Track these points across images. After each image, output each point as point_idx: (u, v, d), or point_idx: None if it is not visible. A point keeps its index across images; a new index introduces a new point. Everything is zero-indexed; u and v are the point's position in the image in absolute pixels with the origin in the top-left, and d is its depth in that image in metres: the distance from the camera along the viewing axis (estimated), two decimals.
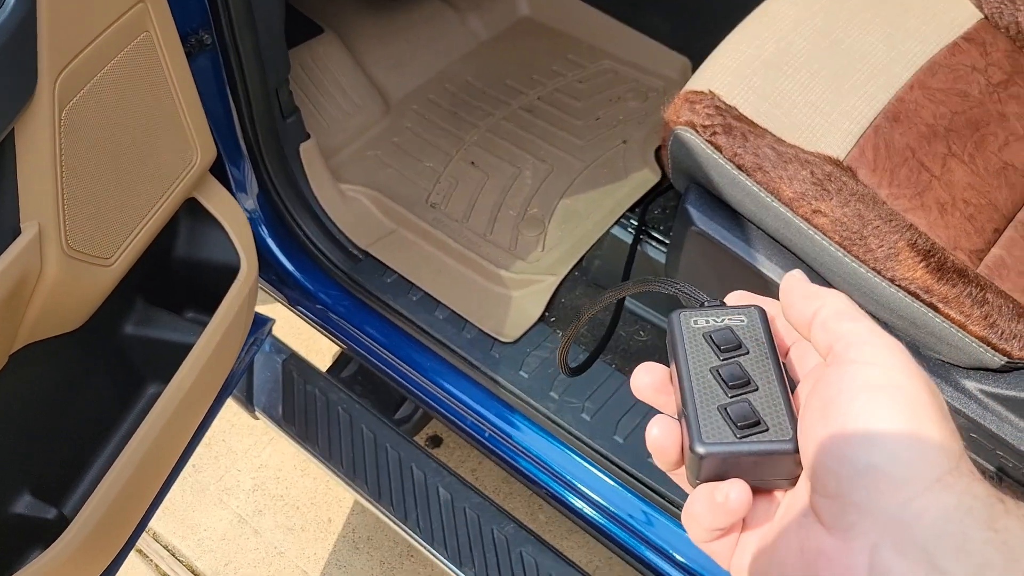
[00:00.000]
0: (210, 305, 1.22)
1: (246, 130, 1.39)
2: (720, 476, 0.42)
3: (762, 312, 0.47)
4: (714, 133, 1.06)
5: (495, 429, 1.37)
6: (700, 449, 0.42)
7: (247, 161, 1.43)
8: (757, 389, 0.44)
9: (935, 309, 0.99)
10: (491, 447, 1.39)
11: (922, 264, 0.99)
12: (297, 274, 1.51)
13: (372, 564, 1.71)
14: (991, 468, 1.02)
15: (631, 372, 1.32)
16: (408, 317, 1.43)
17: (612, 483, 1.28)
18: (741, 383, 0.44)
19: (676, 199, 1.49)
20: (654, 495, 1.24)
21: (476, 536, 1.42)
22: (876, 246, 1.00)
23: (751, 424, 0.42)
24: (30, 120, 0.87)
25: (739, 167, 1.05)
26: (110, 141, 0.98)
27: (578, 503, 1.30)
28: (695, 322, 0.47)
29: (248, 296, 1.22)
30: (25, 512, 1.02)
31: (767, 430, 0.42)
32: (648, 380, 0.47)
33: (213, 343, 1.15)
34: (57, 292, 0.95)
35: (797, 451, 0.41)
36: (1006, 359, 0.98)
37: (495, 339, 1.39)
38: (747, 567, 0.41)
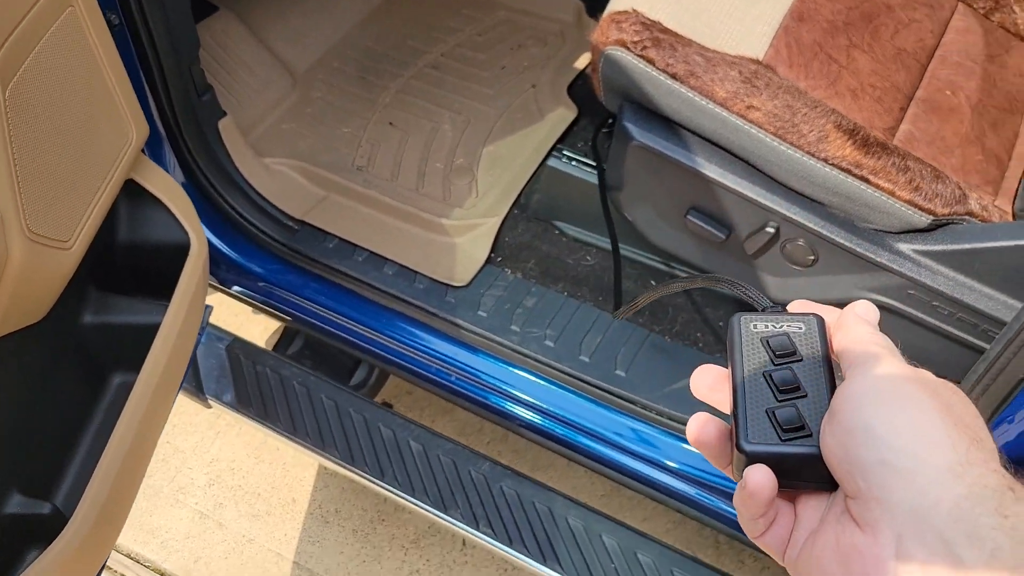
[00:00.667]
0: (162, 288, 1.19)
1: (163, 110, 1.36)
2: None
3: (820, 320, 0.48)
4: (644, 47, 1.12)
5: (461, 371, 1.40)
6: (746, 447, 0.44)
7: (166, 143, 1.40)
8: (806, 396, 0.45)
9: (866, 181, 1.08)
10: (459, 390, 1.42)
11: (849, 142, 1.09)
12: (232, 254, 1.49)
13: (344, 534, 1.71)
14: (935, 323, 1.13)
15: (582, 296, 1.38)
16: (357, 277, 1.44)
17: (584, 401, 1.34)
18: (791, 388, 0.46)
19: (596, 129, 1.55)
20: (627, 404, 1.31)
21: (455, 479, 1.45)
22: (807, 131, 1.09)
23: (795, 428, 0.44)
24: None
25: (672, 76, 1.11)
26: (54, 119, 0.95)
27: (553, 426, 1.35)
28: (755, 326, 0.49)
29: (203, 272, 1.21)
30: (19, 511, 0.99)
31: (810, 435, 0.44)
32: (706, 380, 0.50)
33: (178, 322, 1.14)
34: (23, 279, 0.92)
35: None
36: (932, 217, 1.09)
37: (448, 285, 1.41)
38: (795, 562, 0.44)
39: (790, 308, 0.50)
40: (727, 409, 0.48)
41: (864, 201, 1.09)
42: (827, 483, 0.43)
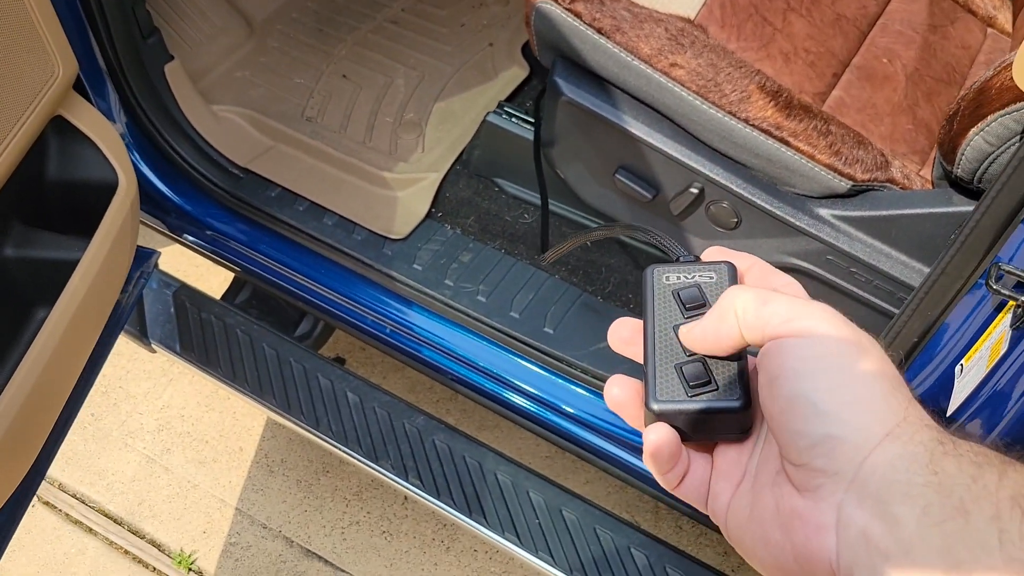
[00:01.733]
0: (91, 226, 1.20)
1: (106, 52, 1.35)
2: (676, 431, 0.44)
3: (731, 268, 0.47)
4: (572, 1, 1.11)
5: (395, 324, 1.41)
6: (654, 406, 0.44)
7: (110, 85, 1.40)
8: None
9: (786, 143, 1.08)
10: (393, 343, 1.43)
11: (771, 104, 1.08)
12: (177, 199, 1.50)
13: (289, 484, 1.73)
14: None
15: (519, 254, 1.38)
16: (296, 227, 1.44)
17: (513, 357, 1.34)
18: None
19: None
20: (554, 361, 1.31)
21: (388, 431, 1.46)
22: (730, 91, 1.08)
23: (702, 383, 0.44)
24: None
25: (599, 31, 1.11)
26: None
27: (482, 380, 1.36)
28: (667, 278, 0.48)
29: (131, 210, 1.21)
30: None
31: (716, 389, 0.44)
32: (621, 333, 0.49)
33: (100, 258, 1.14)
34: None
35: (744, 409, 0.43)
36: (851, 183, 1.08)
37: (385, 238, 1.42)
38: (725, 515, 0.44)
39: (704, 257, 0.49)
40: (641, 359, 0.47)
41: (784, 164, 1.09)
42: (738, 432, 0.44)
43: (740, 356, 0.44)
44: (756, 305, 0.42)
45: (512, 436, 1.75)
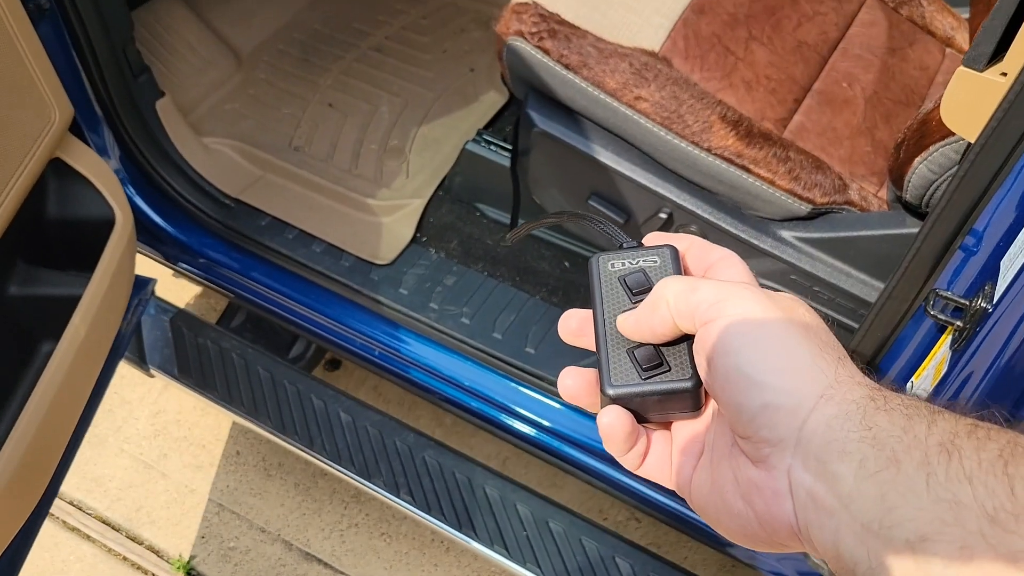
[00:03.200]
0: (91, 262, 1.26)
1: (99, 92, 1.41)
2: (633, 413, 0.46)
3: (673, 251, 0.48)
4: (541, 38, 1.17)
5: (384, 346, 1.46)
6: (610, 391, 0.45)
7: (104, 124, 1.45)
8: None
9: (747, 170, 1.13)
10: (383, 364, 1.48)
11: (732, 133, 1.13)
12: (172, 230, 1.55)
13: (287, 487, 1.75)
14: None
15: (501, 276, 1.43)
16: (286, 254, 1.50)
17: (497, 376, 1.40)
18: None
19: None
20: (535, 380, 1.37)
21: (380, 449, 1.51)
22: (692, 122, 1.13)
23: (655, 366, 0.45)
24: None
25: (566, 66, 1.16)
26: None
27: (468, 399, 1.41)
28: (612, 265, 0.48)
29: (128, 244, 1.27)
30: None
31: (669, 370, 0.45)
32: (569, 325, 0.50)
33: (100, 292, 1.20)
34: None
35: (696, 388, 0.45)
36: (811, 206, 1.14)
37: (372, 263, 1.47)
38: (689, 489, 0.45)
39: (645, 242, 0.50)
40: (593, 348, 0.48)
41: (746, 189, 1.14)
42: (690, 410, 0.46)
43: (688, 337, 0.45)
44: (685, 294, 0.44)
45: (498, 442, 1.79)
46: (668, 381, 0.45)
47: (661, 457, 0.47)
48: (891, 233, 1.10)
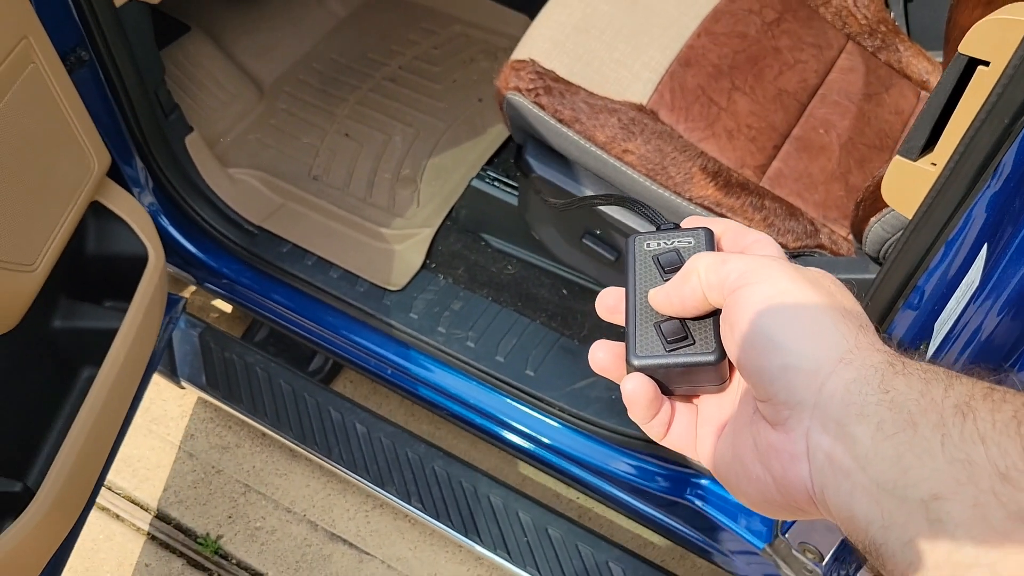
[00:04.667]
0: (126, 292, 1.38)
1: (133, 131, 1.53)
2: (659, 384, 0.48)
3: (708, 233, 0.50)
4: (537, 95, 1.27)
5: (395, 366, 1.58)
6: (634, 362, 0.47)
7: (138, 159, 1.57)
8: None
9: (725, 218, 1.23)
10: (394, 382, 1.60)
11: (712, 183, 1.23)
12: (201, 255, 1.67)
13: (312, 468, 1.81)
14: None
15: (504, 302, 1.55)
16: (306, 280, 1.61)
17: (499, 396, 1.51)
18: None
19: None
20: (535, 400, 1.48)
21: (393, 459, 1.64)
22: (675, 173, 1.23)
23: (679, 339, 0.47)
24: None
25: (560, 120, 1.26)
26: (16, 163, 1.13)
27: (473, 416, 1.53)
28: (647, 245, 0.50)
29: (159, 280, 1.39)
30: None
31: (693, 344, 0.47)
32: (606, 302, 0.52)
33: (135, 325, 1.32)
34: None
35: (718, 361, 0.46)
36: (785, 250, 1.23)
37: (385, 289, 1.59)
38: (711, 459, 0.47)
39: (683, 224, 0.52)
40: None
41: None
42: (715, 384, 0.48)
43: (715, 313, 0.46)
44: (715, 266, 0.45)
45: (502, 453, 1.90)
46: (692, 354, 0.47)
47: (686, 428, 0.49)
48: (855, 278, 1.19)
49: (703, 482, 1.42)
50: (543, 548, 1.57)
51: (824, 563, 1.19)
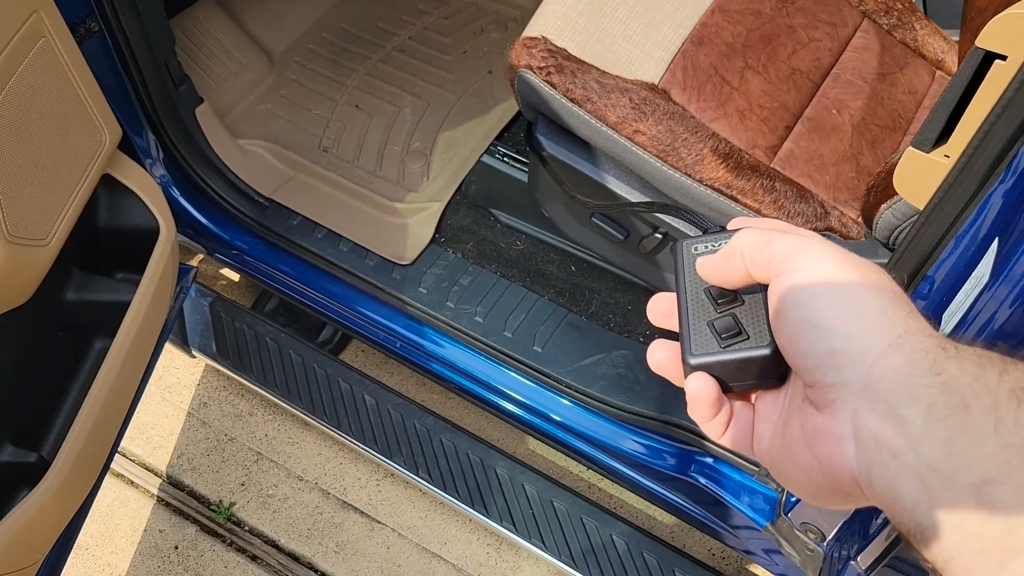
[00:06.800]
0: (137, 264, 1.39)
1: (143, 103, 1.53)
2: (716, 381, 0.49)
3: None
4: (548, 73, 1.26)
5: (404, 339, 1.59)
6: (691, 360, 0.48)
7: (148, 130, 1.58)
8: (743, 303, 0.49)
9: (736, 200, 1.23)
10: (403, 355, 1.61)
11: (722, 165, 1.23)
12: (211, 226, 1.68)
13: (323, 437, 1.82)
14: None
15: (512, 277, 1.55)
16: (316, 252, 1.62)
17: (507, 371, 1.53)
18: (728, 299, 0.49)
19: None
20: (542, 376, 1.49)
21: (401, 430, 1.66)
22: (686, 154, 1.23)
23: (733, 335, 0.48)
24: None
25: (571, 99, 1.26)
26: (28, 137, 1.13)
27: (481, 391, 1.54)
28: (695, 248, 0.52)
29: (171, 253, 1.40)
30: (10, 459, 1.21)
31: (747, 339, 0.47)
32: (659, 307, 0.53)
33: (147, 297, 1.34)
34: (5, 274, 1.11)
35: (775, 354, 0.46)
36: None
37: (394, 263, 1.59)
38: (766, 452, 0.47)
39: (730, 226, 0.53)
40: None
41: (735, 216, 1.24)
42: (773, 378, 0.48)
43: (768, 306, 0.47)
44: (760, 246, 0.46)
45: (509, 426, 1.91)
46: (746, 348, 0.47)
47: (744, 427, 0.49)
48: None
49: (707, 460, 1.44)
50: (548, 520, 1.59)
51: (826, 543, 1.21)
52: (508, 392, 1.53)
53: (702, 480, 1.44)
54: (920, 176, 0.87)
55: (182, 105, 1.59)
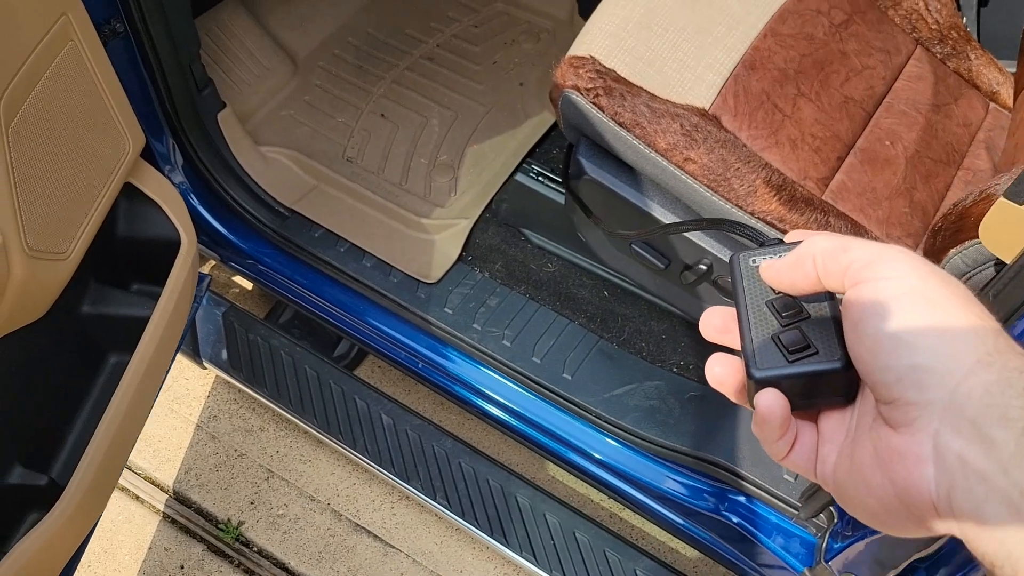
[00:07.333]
0: (155, 276, 1.33)
1: (165, 107, 1.47)
2: None
3: None
4: (596, 95, 1.21)
5: (427, 360, 1.54)
6: (756, 374, 0.45)
7: (169, 135, 1.52)
8: (808, 317, 0.46)
9: (827, 231, 1.18)
10: (424, 376, 1.56)
11: (776, 197, 1.18)
12: (230, 236, 1.62)
13: (337, 456, 1.75)
14: None
15: (542, 300, 1.49)
16: (338, 267, 1.56)
17: (533, 398, 1.47)
18: (793, 312, 0.47)
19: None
20: (571, 405, 1.44)
21: (419, 453, 1.60)
22: (738, 186, 1.18)
23: (801, 348, 0.45)
24: None
25: (620, 124, 1.20)
26: (52, 145, 1.07)
27: (506, 417, 1.49)
28: (753, 261, 0.50)
29: (191, 266, 1.34)
30: (20, 482, 1.15)
31: (816, 353, 0.45)
32: (714, 322, 0.50)
33: (167, 313, 1.28)
34: (23, 290, 1.06)
35: (847, 369, 0.44)
36: None
37: (419, 281, 1.54)
38: (830, 475, 0.45)
39: (787, 239, 0.50)
40: (738, 347, 0.49)
41: None
42: (842, 396, 0.45)
43: (837, 318, 0.45)
44: (835, 252, 0.43)
45: (529, 451, 1.85)
46: (816, 363, 0.45)
47: (807, 448, 0.46)
48: None
49: (740, 499, 1.39)
50: (570, 552, 1.54)
51: None
52: (535, 419, 1.47)
53: (734, 519, 1.39)
54: (1010, 229, 0.82)
55: (204, 110, 1.53)
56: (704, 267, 1.27)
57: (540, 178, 1.49)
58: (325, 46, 1.84)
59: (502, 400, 1.49)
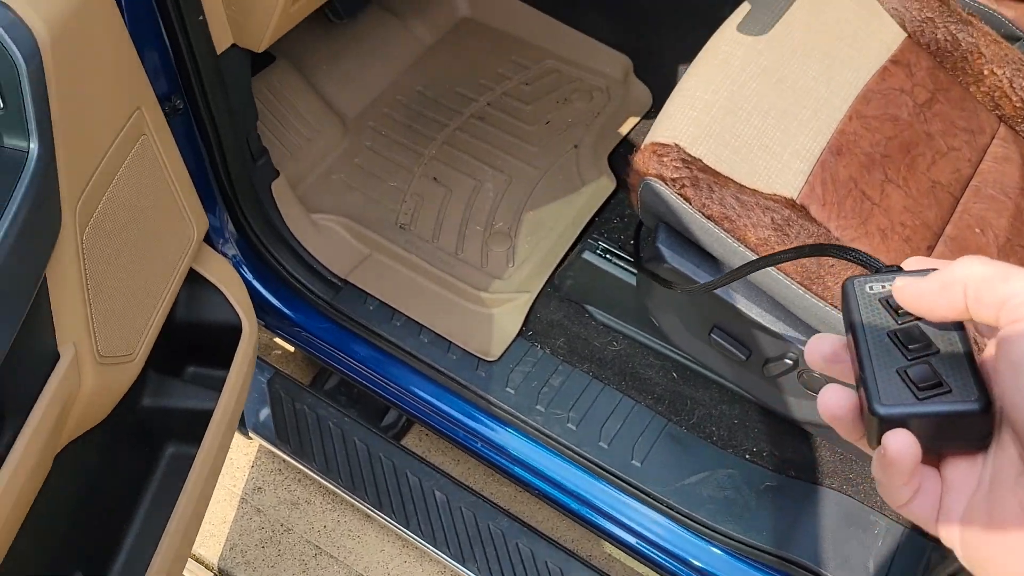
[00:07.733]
0: (212, 359, 1.29)
1: (220, 180, 1.42)
2: None
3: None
4: (683, 186, 1.16)
5: (487, 441, 1.49)
6: (880, 410, 0.41)
7: (223, 208, 1.47)
8: (938, 352, 0.42)
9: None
10: (483, 455, 1.50)
11: None
12: (283, 308, 1.57)
13: (388, 531, 1.69)
14: None
15: (606, 379, 1.43)
16: (394, 342, 1.51)
17: (601, 485, 1.42)
18: (921, 346, 0.43)
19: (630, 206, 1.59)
20: (642, 494, 1.39)
21: (475, 533, 1.55)
22: (832, 284, 1.13)
23: (932, 385, 0.41)
24: (58, 255, 0.92)
25: (707, 216, 1.16)
26: (123, 246, 1.03)
27: (572, 504, 1.44)
28: (870, 288, 0.46)
29: (252, 355, 1.29)
30: None
31: (950, 391, 0.41)
32: (822, 350, 0.46)
33: (230, 409, 1.23)
34: (93, 398, 1.01)
35: (985, 412, 0.40)
36: None
37: (479, 358, 1.49)
38: (957, 530, 0.41)
39: (905, 266, 0.46)
40: (848, 379, 0.45)
41: None
42: (975, 441, 0.41)
43: (970, 354, 0.42)
44: (993, 282, 0.38)
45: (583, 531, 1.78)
46: (950, 402, 0.41)
47: (931, 497, 0.42)
48: None
49: None
50: None
51: None
52: (602, 506, 1.42)
53: None
54: None
55: (259, 180, 1.48)
56: (790, 361, 1.22)
57: (607, 255, 1.44)
58: (374, 105, 1.79)
59: (567, 485, 1.44)
